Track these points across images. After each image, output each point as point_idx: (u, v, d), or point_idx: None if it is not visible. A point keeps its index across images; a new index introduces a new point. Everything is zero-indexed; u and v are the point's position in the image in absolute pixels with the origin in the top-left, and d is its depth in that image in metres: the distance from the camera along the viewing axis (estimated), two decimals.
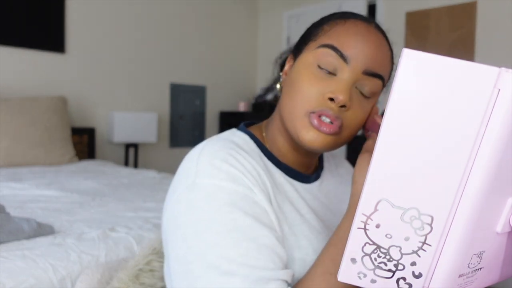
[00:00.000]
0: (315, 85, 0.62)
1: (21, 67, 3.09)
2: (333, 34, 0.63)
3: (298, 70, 0.65)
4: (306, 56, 0.65)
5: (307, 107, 0.62)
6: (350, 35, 0.63)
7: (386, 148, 0.42)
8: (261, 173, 0.63)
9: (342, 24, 0.64)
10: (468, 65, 0.39)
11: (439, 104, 0.40)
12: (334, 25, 0.65)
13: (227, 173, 0.58)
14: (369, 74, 0.62)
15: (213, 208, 0.56)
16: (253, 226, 0.56)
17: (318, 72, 0.63)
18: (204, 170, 0.59)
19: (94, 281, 0.80)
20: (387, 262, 0.45)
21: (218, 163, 0.59)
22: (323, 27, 0.66)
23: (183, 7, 3.97)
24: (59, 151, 2.86)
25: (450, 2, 3.23)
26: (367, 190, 0.43)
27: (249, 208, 0.57)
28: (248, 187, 0.59)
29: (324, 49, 0.63)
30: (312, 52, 0.64)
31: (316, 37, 0.66)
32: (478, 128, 0.40)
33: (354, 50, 0.62)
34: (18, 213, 1.61)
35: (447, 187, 0.41)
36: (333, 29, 0.64)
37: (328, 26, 0.65)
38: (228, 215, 0.56)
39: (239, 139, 0.68)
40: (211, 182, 0.58)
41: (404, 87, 0.40)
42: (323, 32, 0.65)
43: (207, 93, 4.16)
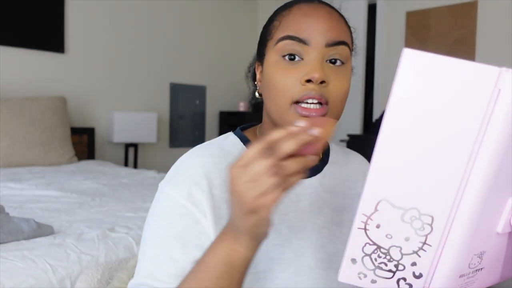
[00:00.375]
0: (288, 75, 0.64)
1: (21, 67, 3.09)
2: (284, 26, 0.66)
3: (268, 71, 0.67)
4: (268, 56, 0.67)
5: (289, 98, 0.63)
6: (299, 19, 0.65)
7: (386, 148, 0.42)
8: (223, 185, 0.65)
9: (288, 14, 0.67)
10: (469, 65, 0.39)
11: (440, 104, 0.40)
12: (282, 17, 0.67)
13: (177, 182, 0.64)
14: (332, 45, 0.64)
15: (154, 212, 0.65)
16: (170, 238, 0.61)
17: (286, 63, 0.65)
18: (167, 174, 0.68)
19: (94, 281, 0.80)
20: (387, 262, 0.44)
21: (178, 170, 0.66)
22: (274, 24, 0.68)
23: (183, 7, 3.97)
24: (59, 151, 2.86)
25: (451, 2, 3.23)
26: (367, 190, 0.43)
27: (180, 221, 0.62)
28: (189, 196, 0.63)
29: (281, 42, 0.65)
30: (272, 50, 0.66)
31: (270, 35, 0.68)
32: (478, 128, 0.40)
33: (309, 30, 0.64)
34: (18, 213, 1.61)
35: (448, 187, 0.41)
36: (282, 22, 0.67)
37: (277, 21, 0.68)
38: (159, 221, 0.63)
39: (228, 143, 0.71)
40: (164, 188, 0.66)
41: (404, 87, 0.40)
42: (275, 28, 0.67)
43: (207, 93, 4.16)
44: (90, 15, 3.42)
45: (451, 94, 0.40)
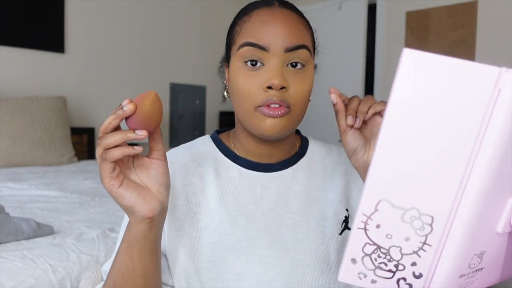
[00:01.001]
0: (250, 81, 0.67)
1: (21, 67, 3.09)
2: (245, 32, 0.68)
3: (233, 75, 0.70)
4: (233, 61, 0.70)
5: (252, 103, 0.67)
6: (258, 26, 0.67)
7: (386, 148, 0.42)
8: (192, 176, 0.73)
9: (248, 20, 0.69)
10: (469, 65, 0.39)
11: (440, 104, 0.40)
12: (243, 23, 0.70)
13: None
14: (291, 49, 0.67)
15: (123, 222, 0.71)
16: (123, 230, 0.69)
17: (247, 69, 0.67)
18: None
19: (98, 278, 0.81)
20: (387, 262, 0.44)
21: None
22: (236, 29, 0.71)
23: (183, 7, 3.97)
24: (59, 151, 2.86)
25: (451, 2, 3.23)
26: (367, 190, 0.43)
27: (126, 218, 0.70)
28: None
29: (242, 48, 0.67)
30: (235, 56, 0.69)
31: (233, 40, 0.71)
32: (478, 128, 0.40)
33: (268, 37, 0.66)
34: (18, 213, 1.61)
35: (448, 187, 0.41)
36: (243, 28, 0.69)
37: (239, 27, 0.70)
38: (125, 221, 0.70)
39: (200, 144, 0.78)
40: None
41: (404, 87, 0.40)
42: (237, 34, 0.70)
43: (207, 93, 4.16)
44: (90, 15, 3.42)
45: (451, 94, 0.40)
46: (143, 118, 0.53)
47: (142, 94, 0.54)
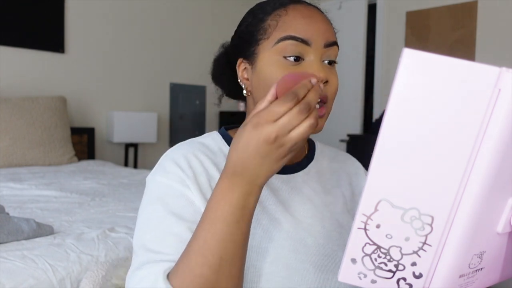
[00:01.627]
0: None
1: (21, 67, 3.09)
2: (284, 25, 0.66)
3: (266, 71, 0.67)
4: (267, 55, 0.67)
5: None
6: (299, 20, 0.66)
7: (386, 148, 0.42)
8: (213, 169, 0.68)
9: (285, 14, 0.68)
10: (469, 65, 0.39)
11: (440, 104, 0.40)
12: (278, 17, 0.68)
13: (165, 170, 0.67)
14: (328, 45, 0.67)
15: (146, 200, 0.67)
16: (166, 216, 0.63)
17: (288, 63, 0.66)
18: (155, 169, 0.70)
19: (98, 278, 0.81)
20: (387, 262, 0.44)
21: (166, 163, 0.68)
22: (268, 23, 0.68)
23: (183, 7, 3.97)
24: (59, 151, 2.86)
25: (451, 2, 3.23)
26: (367, 190, 0.43)
27: (172, 200, 0.64)
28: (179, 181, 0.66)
29: (284, 42, 0.66)
30: (272, 49, 0.67)
31: (266, 34, 0.68)
32: (478, 128, 0.40)
33: (310, 31, 0.66)
34: (18, 213, 1.61)
35: (448, 187, 0.41)
36: (280, 21, 0.67)
37: (273, 21, 0.68)
38: (152, 205, 0.65)
39: (209, 140, 0.74)
40: (153, 178, 0.68)
41: (404, 87, 0.40)
42: (271, 28, 0.67)
43: (207, 93, 4.16)
44: (90, 15, 3.42)
45: (451, 94, 0.40)
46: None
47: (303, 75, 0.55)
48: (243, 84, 0.73)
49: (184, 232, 0.61)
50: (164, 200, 0.65)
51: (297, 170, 0.75)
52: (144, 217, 0.66)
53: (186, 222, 0.62)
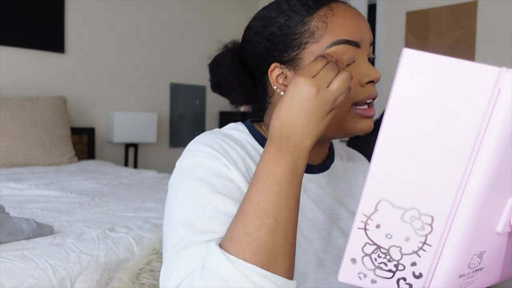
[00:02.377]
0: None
1: (21, 67, 3.09)
2: (335, 28, 0.64)
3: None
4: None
5: (350, 101, 0.64)
6: (348, 21, 0.64)
7: (386, 148, 0.42)
8: (247, 159, 0.65)
9: (332, 15, 0.64)
10: (469, 65, 0.39)
11: (440, 104, 0.40)
12: (325, 18, 0.64)
13: (205, 152, 0.63)
14: (371, 44, 0.67)
15: (186, 179, 0.62)
16: (215, 196, 0.59)
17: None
18: (188, 152, 0.65)
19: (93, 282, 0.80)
20: (387, 262, 0.44)
21: (200, 146, 0.64)
22: (315, 25, 0.64)
23: (183, 7, 3.97)
24: (59, 151, 2.86)
25: (451, 2, 3.23)
26: (367, 190, 0.43)
27: (218, 182, 0.61)
28: (223, 164, 0.62)
29: (339, 46, 0.63)
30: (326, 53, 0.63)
31: (314, 38, 0.64)
32: (478, 128, 0.40)
33: (359, 33, 0.64)
34: (18, 213, 1.61)
35: (448, 187, 0.41)
36: (330, 23, 0.64)
37: (320, 22, 0.64)
38: (195, 183, 0.61)
39: (236, 132, 0.71)
40: (190, 161, 0.63)
41: (404, 87, 0.40)
42: (321, 31, 0.64)
43: (207, 93, 4.16)
44: (90, 15, 3.42)
45: (451, 94, 0.40)
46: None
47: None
48: (281, 90, 0.68)
49: (234, 211, 0.58)
50: (207, 180, 0.61)
51: (322, 170, 0.74)
52: (185, 193, 0.61)
53: (234, 201, 0.59)
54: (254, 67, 0.71)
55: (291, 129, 0.54)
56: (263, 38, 0.68)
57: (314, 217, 0.69)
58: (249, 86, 0.73)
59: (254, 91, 0.74)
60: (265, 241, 0.52)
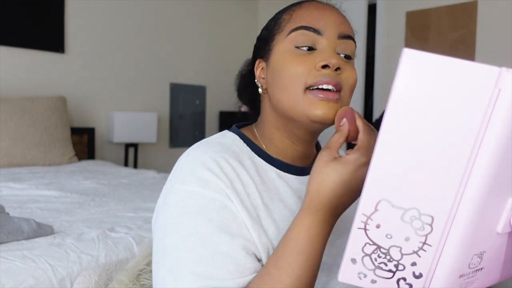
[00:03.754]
0: (302, 62, 0.64)
1: (21, 67, 3.09)
2: (297, 18, 0.66)
3: (279, 61, 0.66)
4: (279, 47, 0.67)
5: (302, 83, 0.63)
6: (312, 11, 0.66)
7: (386, 148, 0.42)
8: (243, 173, 0.64)
9: (299, 8, 0.68)
10: (469, 65, 0.39)
11: (440, 104, 0.40)
12: (292, 12, 0.68)
13: (200, 179, 0.60)
14: (343, 37, 0.66)
15: (180, 213, 0.59)
16: (213, 233, 0.58)
17: (299, 52, 0.65)
18: (182, 176, 0.62)
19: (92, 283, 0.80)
20: (387, 262, 0.44)
21: (196, 169, 0.62)
22: (283, 18, 0.69)
23: (183, 7, 3.97)
24: (59, 151, 2.86)
25: (451, 2, 3.23)
26: (367, 190, 0.43)
27: (215, 214, 0.59)
28: (219, 190, 0.60)
29: (295, 32, 0.65)
30: (284, 41, 0.66)
31: (280, 28, 0.68)
32: (478, 128, 0.40)
33: (323, 21, 0.65)
34: (18, 213, 1.61)
35: (448, 187, 0.41)
36: (294, 15, 0.67)
37: (287, 15, 0.68)
38: (191, 220, 0.58)
39: (228, 140, 0.69)
40: (184, 187, 0.61)
41: (404, 87, 0.40)
42: (285, 22, 0.68)
43: (207, 93, 4.16)
44: (90, 15, 3.42)
45: (451, 94, 0.40)
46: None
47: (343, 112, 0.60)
48: (259, 83, 0.71)
49: (236, 251, 0.57)
50: (206, 214, 0.58)
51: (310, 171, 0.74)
52: (180, 234, 0.58)
53: (235, 238, 0.58)
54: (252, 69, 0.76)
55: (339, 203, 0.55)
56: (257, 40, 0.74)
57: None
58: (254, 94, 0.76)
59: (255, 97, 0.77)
60: None
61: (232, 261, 0.57)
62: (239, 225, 0.60)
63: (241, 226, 0.60)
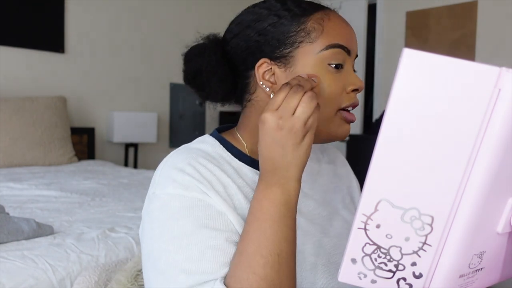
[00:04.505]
0: (336, 82, 0.65)
1: (21, 67, 3.09)
2: (330, 31, 0.65)
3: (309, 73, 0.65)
4: (310, 60, 0.65)
5: (336, 105, 0.66)
6: (343, 28, 0.67)
7: (386, 148, 0.42)
8: (223, 176, 0.64)
9: (328, 19, 0.66)
10: (469, 65, 0.39)
11: (439, 104, 0.40)
12: (321, 21, 0.66)
13: (181, 182, 0.61)
14: (357, 55, 0.69)
15: (165, 217, 0.60)
16: (200, 231, 0.58)
17: (332, 71, 0.65)
18: (162, 181, 0.63)
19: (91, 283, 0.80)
20: (387, 262, 0.44)
21: (175, 175, 0.62)
22: (312, 26, 0.65)
23: (183, 7, 3.97)
24: (59, 151, 2.86)
25: (451, 2, 3.23)
26: (367, 190, 0.43)
27: (201, 212, 0.59)
28: (201, 192, 0.61)
29: (333, 49, 0.65)
30: (318, 55, 0.64)
31: (309, 38, 0.65)
32: (478, 128, 0.40)
33: (352, 40, 0.67)
34: (18, 214, 1.61)
35: (448, 187, 0.41)
36: (326, 26, 0.65)
37: (316, 24, 0.65)
38: (177, 222, 0.59)
39: (206, 146, 0.69)
40: (165, 192, 0.61)
41: (404, 87, 0.40)
42: (317, 32, 0.65)
43: None
44: (90, 15, 3.42)
45: (451, 94, 0.40)
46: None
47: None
48: (267, 86, 0.67)
49: (223, 243, 0.58)
50: (190, 214, 0.59)
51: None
52: (168, 236, 0.58)
53: (222, 232, 0.59)
54: (239, 60, 0.70)
55: (272, 163, 0.56)
56: (254, 32, 0.68)
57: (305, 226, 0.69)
58: (228, 82, 0.71)
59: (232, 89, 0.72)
60: (272, 278, 0.54)
61: (222, 254, 0.57)
62: (225, 220, 0.60)
63: (227, 221, 0.60)
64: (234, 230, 0.60)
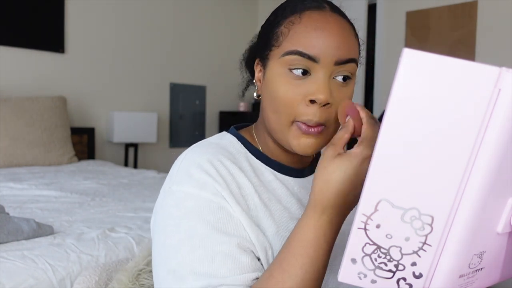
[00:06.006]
0: (293, 91, 0.62)
1: (21, 67, 3.09)
2: (294, 37, 0.62)
3: (271, 81, 0.64)
4: (274, 65, 0.64)
5: (292, 115, 0.62)
6: (310, 33, 0.61)
7: (386, 148, 0.42)
8: (239, 175, 0.64)
9: (298, 22, 0.63)
10: (469, 65, 0.39)
11: (440, 104, 0.40)
12: (291, 25, 0.63)
13: (197, 180, 0.61)
14: (341, 63, 0.62)
15: (179, 215, 0.60)
16: (211, 234, 0.58)
17: (291, 77, 0.62)
18: (179, 177, 0.63)
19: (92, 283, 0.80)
20: (387, 262, 0.44)
21: (192, 170, 0.62)
22: (281, 30, 0.64)
23: (183, 7, 3.97)
24: (59, 151, 2.86)
25: (451, 2, 3.23)
26: (367, 190, 0.43)
27: (212, 216, 0.59)
28: (215, 192, 0.61)
29: (290, 56, 0.62)
30: (278, 61, 0.63)
31: (277, 42, 0.64)
32: (478, 128, 0.40)
33: (319, 47, 0.61)
34: (18, 214, 1.61)
35: (448, 187, 0.41)
36: (291, 31, 0.63)
37: (285, 28, 0.64)
38: (190, 221, 0.59)
39: (226, 142, 0.69)
40: (181, 189, 0.61)
41: (404, 87, 0.40)
42: (283, 36, 0.63)
43: (207, 93, 4.16)
44: (90, 15, 3.42)
45: (451, 94, 0.40)
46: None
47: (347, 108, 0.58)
48: (257, 85, 0.69)
49: (234, 250, 0.58)
50: (202, 216, 0.59)
51: (308, 173, 0.74)
52: (180, 235, 0.59)
53: (233, 238, 0.59)
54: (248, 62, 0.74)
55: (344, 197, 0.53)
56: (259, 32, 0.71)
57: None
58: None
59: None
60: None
61: (232, 260, 0.57)
62: (236, 224, 0.60)
63: (238, 225, 0.60)
64: (245, 236, 0.61)
